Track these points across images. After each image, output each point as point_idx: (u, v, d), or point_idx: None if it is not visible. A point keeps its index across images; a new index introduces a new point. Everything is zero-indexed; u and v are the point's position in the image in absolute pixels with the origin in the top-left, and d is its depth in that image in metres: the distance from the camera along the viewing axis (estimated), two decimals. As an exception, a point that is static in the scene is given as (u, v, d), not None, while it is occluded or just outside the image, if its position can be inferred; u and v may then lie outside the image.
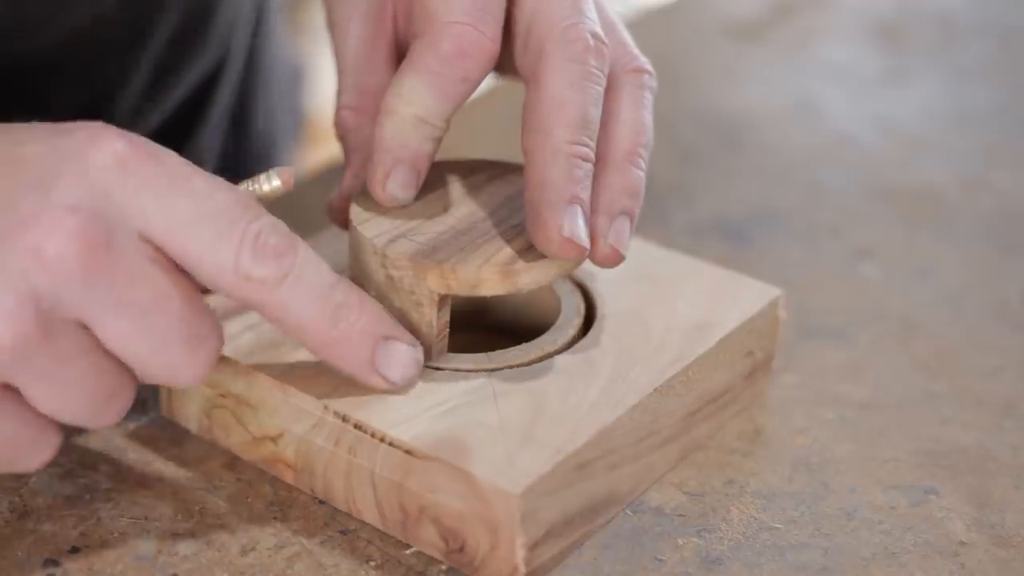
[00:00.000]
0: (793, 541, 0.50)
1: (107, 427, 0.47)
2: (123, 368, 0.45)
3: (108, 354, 0.44)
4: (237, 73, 0.82)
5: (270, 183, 0.48)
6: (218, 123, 0.81)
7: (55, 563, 0.47)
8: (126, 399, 0.45)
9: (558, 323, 0.53)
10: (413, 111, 0.50)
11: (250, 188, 0.48)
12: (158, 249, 0.44)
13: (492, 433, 0.47)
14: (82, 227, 0.42)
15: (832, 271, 0.67)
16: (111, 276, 0.43)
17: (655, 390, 0.50)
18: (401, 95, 0.50)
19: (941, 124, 0.84)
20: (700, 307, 0.54)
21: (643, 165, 0.51)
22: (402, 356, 0.48)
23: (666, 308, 0.54)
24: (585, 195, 0.49)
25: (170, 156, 0.45)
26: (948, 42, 0.95)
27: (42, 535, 0.48)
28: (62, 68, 0.67)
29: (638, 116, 0.52)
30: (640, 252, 0.57)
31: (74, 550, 0.48)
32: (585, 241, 0.49)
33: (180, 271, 0.45)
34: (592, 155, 0.49)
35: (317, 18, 0.63)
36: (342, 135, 0.55)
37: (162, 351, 0.44)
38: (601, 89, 0.50)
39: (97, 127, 0.45)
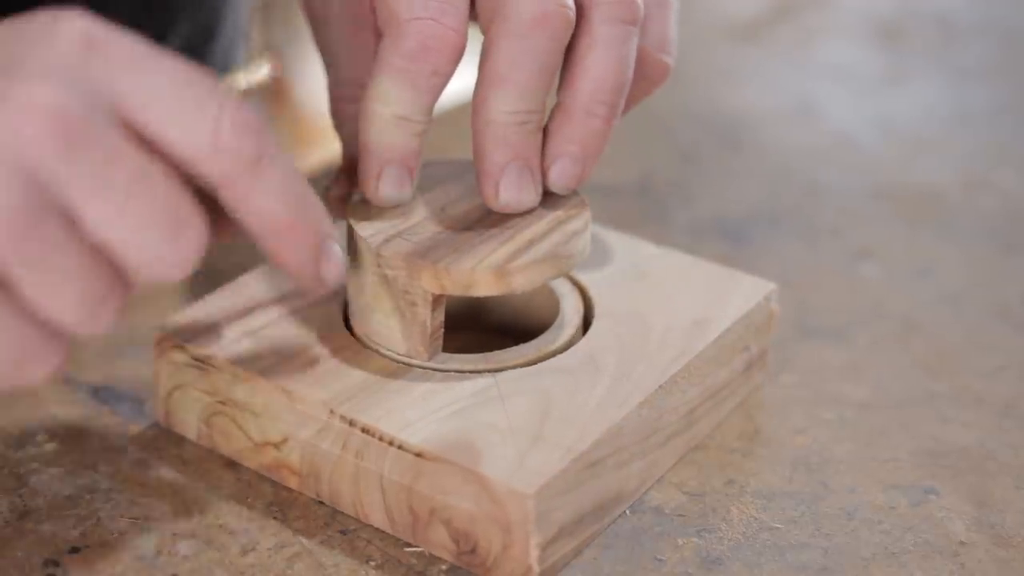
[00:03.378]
0: (793, 541, 0.50)
1: (97, 332, 0.43)
2: (112, 268, 0.43)
3: (95, 249, 0.42)
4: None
5: (260, 72, 0.48)
6: None
7: (55, 563, 0.47)
8: (116, 305, 0.43)
9: (556, 323, 0.53)
10: (392, 110, 0.50)
11: (244, 79, 0.47)
12: (130, 127, 0.42)
13: (501, 434, 0.47)
14: (56, 104, 0.41)
15: (832, 271, 0.67)
16: (91, 154, 0.41)
17: (660, 387, 0.50)
18: (378, 96, 0.50)
19: (942, 124, 0.84)
20: (697, 303, 0.54)
21: (602, 112, 0.51)
22: (340, 258, 0.47)
23: (664, 305, 0.54)
24: (528, 153, 0.50)
25: (134, 37, 0.43)
26: (948, 42, 0.95)
27: (42, 535, 0.48)
28: None
29: (605, 59, 0.51)
30: (634, 250, 0.58)
31: (74, 550, 0.48)
32: (523, 205, 0.51)
33: (157, 153, 0.43)
34: (535, 117, 0.50)
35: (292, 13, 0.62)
36: (338, 125, 0.55)
37: (143, 235, 0.42)
38: (557, 47, 0.50)
39: (58, 11, 0.43)
